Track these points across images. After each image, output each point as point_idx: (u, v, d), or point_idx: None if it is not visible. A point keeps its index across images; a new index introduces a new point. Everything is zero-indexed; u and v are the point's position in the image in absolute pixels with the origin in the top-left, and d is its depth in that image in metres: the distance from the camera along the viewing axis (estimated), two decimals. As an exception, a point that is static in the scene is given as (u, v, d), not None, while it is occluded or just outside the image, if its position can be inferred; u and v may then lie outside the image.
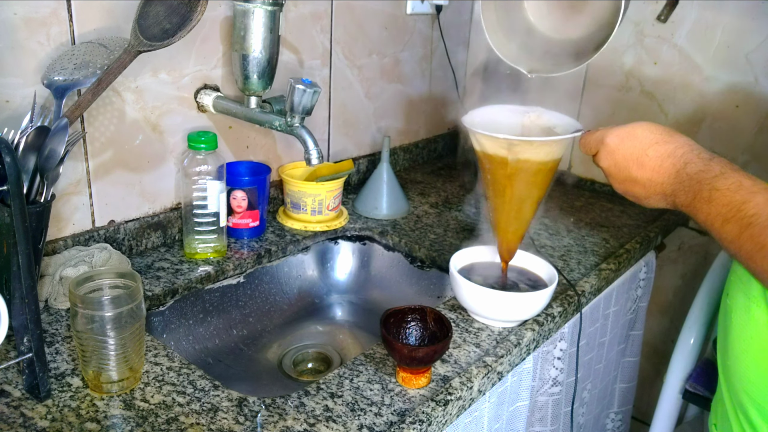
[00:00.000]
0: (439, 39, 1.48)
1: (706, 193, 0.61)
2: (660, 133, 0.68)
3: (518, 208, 0.84)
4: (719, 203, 0.60)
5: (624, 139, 0.70)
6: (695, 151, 0.66)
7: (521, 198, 0.83)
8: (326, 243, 1.17)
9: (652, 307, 1.45)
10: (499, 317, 0.86)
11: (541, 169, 0.80)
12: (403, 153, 1.50)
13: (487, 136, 0.78)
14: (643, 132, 0.69)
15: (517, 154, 0.78)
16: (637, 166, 0.69)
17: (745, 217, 0.57)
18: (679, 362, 1.23)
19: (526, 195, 0.82)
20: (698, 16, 1.26)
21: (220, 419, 0.66)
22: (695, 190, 0.63)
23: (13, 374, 0.70)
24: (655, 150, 0.67)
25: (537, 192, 0.83)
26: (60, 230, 0.91)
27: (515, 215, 0.85)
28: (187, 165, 0.95)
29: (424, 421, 0.68)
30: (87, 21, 0.86)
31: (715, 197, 0.60)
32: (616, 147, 0.71)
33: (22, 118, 0.78)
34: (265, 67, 0.97)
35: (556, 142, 0.78)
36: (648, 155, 0.68)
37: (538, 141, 0.78)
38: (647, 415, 1.51)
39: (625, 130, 0.71)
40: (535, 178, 0.81)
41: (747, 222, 0.57)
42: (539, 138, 0.79)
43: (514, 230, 0.87)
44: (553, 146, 0.78)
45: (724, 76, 1.26)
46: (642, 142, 0.69)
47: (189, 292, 0.95)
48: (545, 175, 0.81)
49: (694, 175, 0.63)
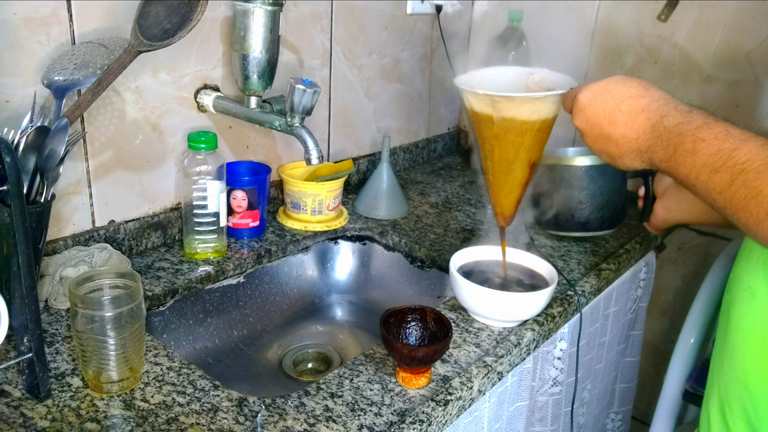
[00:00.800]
0: (439, 39, 1.48)
1: (690, 145, 0.57)
2: (635, 87, 0.65)
3: (507, 170, 0.80)
4: (706, 153, 0.56)
5: (596, 94, 0.67)
6: (672, 103, 0.62)
7: (509, 159, 0.79)
8: (326, 243, 1.17)
9: (652, 308, 1.45)
10: (499, 317, 0.86)
11: (527, 129, 0.76)
12: (403, 153, 1.50)
13: (472, 93, 0.75)
14: (617, 86, 0.66)
15: (500, 111, 0.74)
16: (609, 122, 0.65)
17: (737, 164, 0.53)
18: (679, 362, 1.23)
19: (513, 156, 0.78)
20: (698, 16, 1.26)
21: (220, 419, 0.66)
22: (676, 143, 0.59)
23: (13, 374, 0.70)
24: (628, 105, 0.64)
25: (526, 154, 0.78)
26: (60, 230, 0.91)
27: (505, 177, 0.81)
28: (187, 165, 0.95)
29: (424, 421, 0.68)
30: (87, 21, 0.86)
31: (701, 148, 0.57)
32: (588, 103, 0.67)
33: (22, 118, 0.78)
34: (265, 67, 0.97)
35: (540, 100, 0.73)
36: (621, 110, 0.64)
37: (520, 97, 0.74)
38: (647, 416, 1.51)
39: (599, 85, 0.67)
40: (522, 139, 0.76)
41: (740, 169, 0.53)
42: (517, 94, 0.74)
43: (506, 194, 0.83)
44: (536, 104, 0.74)
45: (724, 76, 1.26)
46: (615, 97, 0.65)
47: (189, 292, 0.95)
48: (533, 136, 0.77)
49: (674, 128, 0.60)
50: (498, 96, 0.73)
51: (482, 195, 1.36)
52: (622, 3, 1.34)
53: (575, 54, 1.44)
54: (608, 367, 1.27)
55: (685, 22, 1.28)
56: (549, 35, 1.45)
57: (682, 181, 0.59)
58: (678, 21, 1.28)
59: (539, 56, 1.43)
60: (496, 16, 1.52)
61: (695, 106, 0.61)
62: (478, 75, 0.82)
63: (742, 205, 0.53)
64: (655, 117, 0.62)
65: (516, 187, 0.82)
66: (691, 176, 0.58)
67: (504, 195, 0.84)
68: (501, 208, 0.85)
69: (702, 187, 0.57)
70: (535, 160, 0.80)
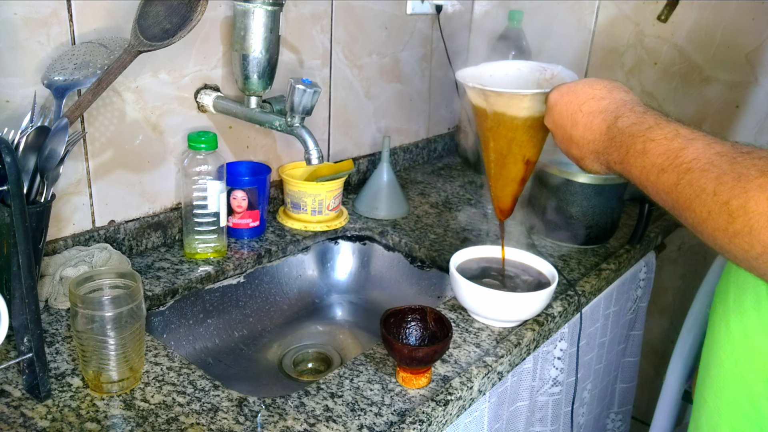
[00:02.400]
0: (439, 39, 1.48)
1: (640, 146, 0.57)
2: (599, 89, 0.64)
3: (502, 164, 0.80)
4: (654, 153, 0.55)
5: (564, 94, 0.66)
6: (629, 105, 0.61)
7: (503, 153, 0.79)
8: (326, 243, 1.17)
9: (652, 308, 1.45)
10: (499, 317, 0.86)
11: (519, 126, 0.75)
12: (403, 153, 1.50)
13: (468, 86, 0.76)
14: (583, 87, 0.65)
15: (492, 105, 0.74)
16: (571, 123, 0.65)
17: (683, 163, 0.52)
18: (679, 363, 1.23)
19: (506, 151, 0.78)
20: (698, 16, 1.26)
21: (220, 419, 0.66)
22: (628, 144, 0.58)
23: (14, 374, 0.70)
24: (588, 106, 0.63)
25: (519, 149, 0.78)
26: (60, 230, 0.91)
27: (500, 171, 0.81)
28: (187, 165, 0.95)
29: (425, 421, 0.68)
30: (87, 21, 0.86)
31: (650, 148, 0.55)
32: (555, 103, 0.67)
33: (22, 118, 0.78)
34: (265, 67, 0.97)
35: (527, 97, 0.72)
36: (582, 111, 0.63)
37: (507, 93, 0.73)
38: (647, 416, 1.51)
39: (567, 86, 0.66)
40: (514, 134, 0.76)
41: (686, 168, 0.52)
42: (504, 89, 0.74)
43: (501, 186, 0.83)
44: (523, 101, 0.73)
45: (724, 76, 1.26)
46: (579, 97, 0.64)
47: (189, 292, 0.95)
48: (524, 132, 0.76)
49: (626, 129, 0.59)
50: (487, 90, 0.73)
51: (482, 195, 1.36)
52: (622, 3, 1.35)
53: (575, 54, 1.44)
54: (608, 367, 1.27)
55: (685, 23, 1.28)
56: (549, 35, 1.45)
57: (636, 182, 0.59)
58: (678, 21, 1.28)
59: (539, 56, 1.43)
60: (496, 16, 1.52)
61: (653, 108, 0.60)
62: (491, 68, 0.81)
63: (687, 205, 0.52)
64: (610, 118, 0.61)
65: (510, 181, 0.82)
66: (642, 177, 0.57)
67: (499, 188, 0.84)
68: (497, 201, 0.86)
69: (652, 188, 0.56)
70: (530, 156, 0.79)
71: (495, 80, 0.79)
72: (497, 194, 0.85)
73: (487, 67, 0.82)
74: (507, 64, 0.83)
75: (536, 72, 0.81)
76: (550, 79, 0.79)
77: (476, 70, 0.80)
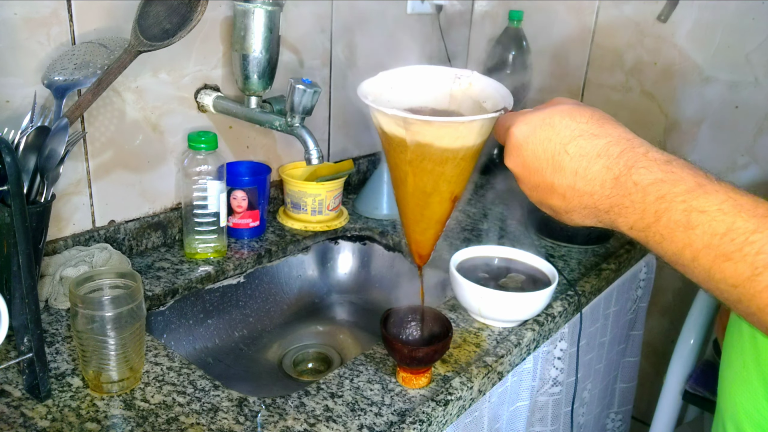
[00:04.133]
0: (439, 39, 1.48)
1: (681, 216, 0.44)
2: (586, 122, 0.49)
3: (424, 203, 0.64)
4: (707, 231, 0.43)
5: (536, 129, 0.51)
6: (639, 148, 0.47)
7: (426, 192, 0.63)
8: (326, 243, 1.17)
9: (652, 308, 1.45)
10: (499, 317, 0.86)
11: (448, 158, 0.59)
12: (403, 153, 1.50)
13: (380, 111, 0.59)
14: (563, 119, 0.50)
15: (415, 135, 0.58)
16: (552, 168, 0.50)
17: (761, 252, 0.41)
18: (679, 363, 1.23)
19: (432, 188, 0.62)
20: (698, 16, 1.26)
21: (220, 419, 0.66)
22: (657, 209, 0.45)
23: (14, 374, 0.70)
24: (578, 146, 0.49)
25: (447, 186, 0.62)
26: (60, 230, 0.91)
27: (421, 211, 0.65)
28: (187, 165, 0.95)
29: (425, 421, 0.68)
30: (87, 21, 0.86)
31: (700, 222, 0.43)
32: (524, 140, 0.51)
33: (22, 118, 0.78)
34: (265, 67, 0.97)
35: (465, 125, 0.57)
36: (569, 153, 0.49)
37: (438, 121, 0.57)
38: (647, 416, 1.51)
39: (540, 117, 0.51)
40: (443, 169, 0.60)
41: (766, 262, 0.40)
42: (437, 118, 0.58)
43: (422, 230, 0.68)
44: (461, 129, 0.57)
45: (724, 76, 1.26)
46: (560, 134, 0.49)
47: (189, 292, 0.95)
48: (456, 166, 0.60)
49: (649, 187, 0.45)
50: (412, 118, 0.57)
51: (482, 195, 1.36)
52: (622, 3, 1.34)
53: (575, 54, 1.44)
54: (608, 367, 1.27)
55: (685, 23, 1.28)
56: (549, 35, 1.45)
57: (666, 257, 0.47)
58: (678, 21, 1.28)
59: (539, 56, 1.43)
60: (496, 16, 1.52)
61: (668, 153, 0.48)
62: (392, 77, 0.66)
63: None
64: (617, 166, 0.47)
65: (434, 223, 0.67)
66: (685, 257, 0.45)
67: (419, 231, 0.68)
68: (416, 245, 0.70)
69: (701, 272, 0.45)
70: (458, 193, 0.64)
71: (397, 94, 0.64)
72: (417, 238, 0.69)
73: (386, 76, 0.66)
74: (409, 70, 0.68)
75: (448, 80, 0.66)
76: (467, 90, 0.65)
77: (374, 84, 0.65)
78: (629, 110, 1.38)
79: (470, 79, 0.65)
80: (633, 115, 1.37)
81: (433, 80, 0.67)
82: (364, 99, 0.61)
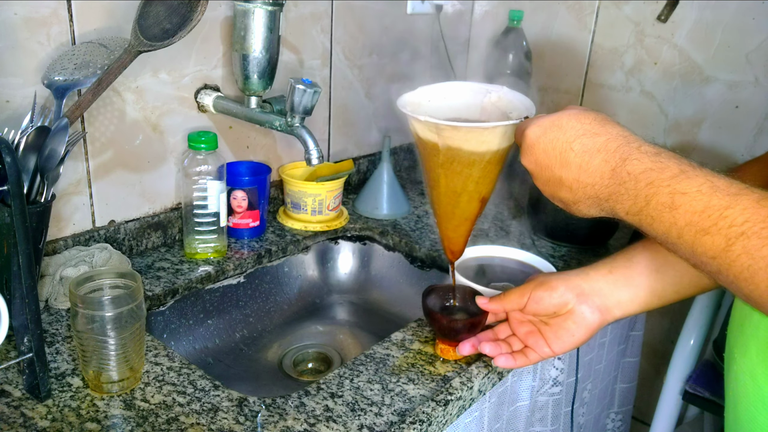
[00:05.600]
0: (439, 39, 1.48)
1: (666, 198, 0.50)
2: (590, 123, 0.57)
3: (455, 203, 0.72)
4: (689, 210, 0.48)
5: (546, 130, 0.59)
6: (633, 143, 0.54)
7: (456, 191, 0.71)
8: (326, 243, 1.17)
9: (652, 308, 1.45)
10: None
11: (475, 161, 0.68)
12: (403, 153, 1.50)
13: (416, 119, 0.68)
14: (569, 121, 0.58)
15: (446, 140, 0.67)
16: (560, 163, 0.58)
17: (732, 225, 0.46)
18: (679, 363, 1.23)
19: (461, 188, 0.71)
20: (698, 16, 1.26)
21: (220, 419, 0.66)
22: (646, 194, 0.51)
23: (14, 374, 0.70)
24: (581, 143, 0.56)
25: (475, 186, 0.70)
26: (60, 230, 0.91)
27: (452, 210, 0.74)
28: (187, 165, 0.95)
29: (425, 421, 0.68)
30: (87, 21, 0.86)
31: (682, 203, 0.49)
32: (536, 140, 0.59)
33: (22, 118, 0.78)
34: (266, 67, 0.97)
35: (488, 131, 0.65)
36: (574, 150, 0.56)
37: (465, 127, 0.65)
38: (647, 416, 1.51)
39: (549, 120, 0.59)
40: (470, 171, 0.69)
41: (737, 232, 0.45)
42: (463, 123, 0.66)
43: (454, 227, 0.76)
44: (484, 134, 0.66)
45: (724, 77, 1.26)
46: (567, 134, 0.57)
47: (189, 292, 0.95)
48: (483, 169, 0.69)
49: (641, 175, 0.52)
50: (442, 124, 0.66)
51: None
52: (622, 3, 1.34)
53: (575, 54, 1.44)
54: (608, 368, 1.27)
55: (685, 23, 1.28)
56: (549, 35, 1.45)
57: (658, 238, 0.52)
58: (678, 21, 1.28)
59: (539, 56, 1.43)
60: (496, 16, 1.52)
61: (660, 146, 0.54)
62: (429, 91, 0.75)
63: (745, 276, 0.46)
64: (614, 159, 0.54)
65: (464, 221, 0.75)
66: (670, 234, 0.50)
67: (452, 228, 0.76)
68: (449, 242, 0.78)
69: (686, 248, 0.50)
70: (485, 194, 0.72)
71: (434, 106, 0.72)
72: (449, 235, 0.77)
73: (424, 91, 0.75)
74: (445, 86, 0.76)
75: (480, 94, 0.74)
76: (496, 102, 0.73)
77: (413, 96, 0.74)
78: (629, 110, 1.38)
79: (499, 93, 0.73)
80: (633, 115, 1.37)
81: (467, 94, 0.75)
82: (402, 109, 0.70)
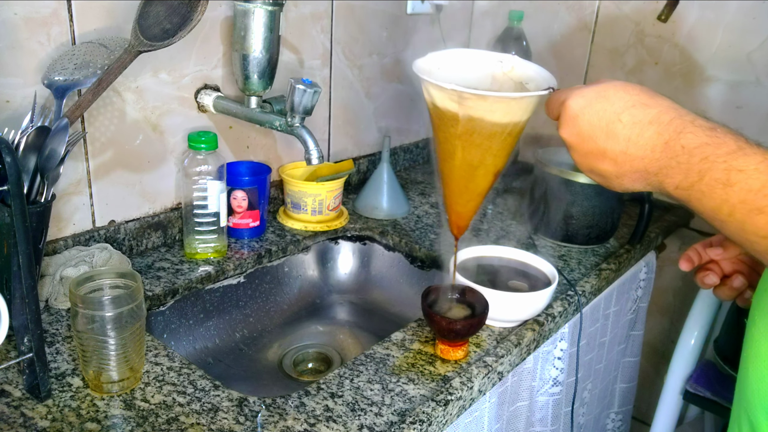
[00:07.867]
0: (439, 39, 1.48)
1: (721, 175, 0.48)
2: (638, 94, 0.55)
3: (470, 176, 0.70)
4: (744, 188, 0.47)
5: (592, 101, 0.56)
6: (686, 117, 0.53)
7: (473, 164, 0.69)
8: (326, 243, 1.17)
9: (653, 308, 1.45)
10: (499, 317, 0.85)
11: (496, 133, 0.65)
12: (403, 153, 1.50)
13: (435, 86, 0.65)
14: (617, 92, 0.56)
15: (468, 110, 0.64)
16: (606, 135, 0.55)
17: None
18: (680, 363, 1.23)
19: (478, 162, 0.68)
20: (699, 16, 1.26)
21: (220, 419, 0.66)
22: (700, 169, 0.50)
23: (14, 374, 0.70)
24: (631, 115, 0.54)
25: (492, 160, 0.68)
26: (60, 230, 0.91)
27: (466, 184, 0.71)
28: (187, 165, 0.95)
29: (425, 421, 0.68)
30: (87, 21, 0.86)
31: (738, 180, 0.48)
32: (580, 111, 0.57)
33: (22, 118, 0.78)
34: (266, 67, 0.97)
35: (516, 101, 0.63)
36: (622, 121, 0.54)
37: (493, 96, 0.62)
38: (648, 416, 1.51)
39: (595, 90, 0.57)
40: (490, 143, 0.66)
41: None
42: (493, 92, 0.63)
43: (464, 202, 0.74)
44: (512, 105, 0.63)
45: (725, 76, 1.26)
46: (615, 105, 0.55)
47: (189, 292, 0.95)
48: (503, 141, 0.66)
49: (695, 150, 0.50)
50: (467, 93, 0.62)
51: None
52: (622, 3, 1.34)
53: (575, 54, 1.44)
54: (608, 367, 1.27)
55: (686, 23, 1.28)
56: (549, 35, 1.45)
57: (704, 213, 0.51)
58: (678, 21, 1.28)
59: (539, 56, 1.43)
60: (496, 16, 1.52)
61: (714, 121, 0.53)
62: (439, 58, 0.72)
63: None
64: (668, 132, 0.52)
65: (476, 195, 0.73)
66: (722, 212, 0.49)
67: (462, 203, 0.74)
68: (457, 217, 0.76)
69: (736, 226, 0.49)
70: (501, 167, 0.70)
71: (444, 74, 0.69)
72: (458, 209, 0.75)
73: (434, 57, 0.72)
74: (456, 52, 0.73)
75: (493, 63, 0.71)
76: (510, 72, 0.71)
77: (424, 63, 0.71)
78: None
79: (512, 63, 0.71)
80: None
81: (477, 63, 0.72)
82: (420, 74, 0.67)
